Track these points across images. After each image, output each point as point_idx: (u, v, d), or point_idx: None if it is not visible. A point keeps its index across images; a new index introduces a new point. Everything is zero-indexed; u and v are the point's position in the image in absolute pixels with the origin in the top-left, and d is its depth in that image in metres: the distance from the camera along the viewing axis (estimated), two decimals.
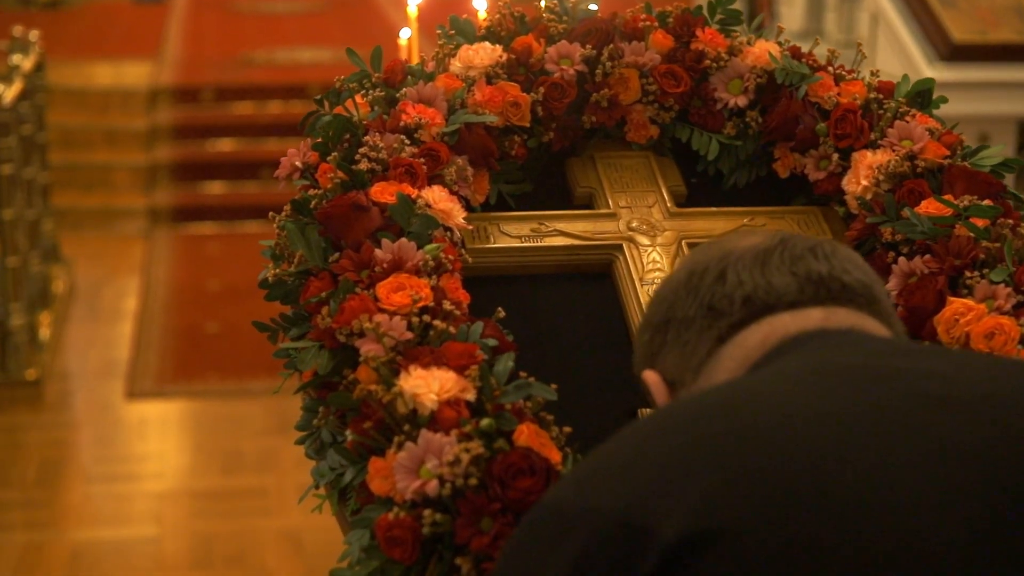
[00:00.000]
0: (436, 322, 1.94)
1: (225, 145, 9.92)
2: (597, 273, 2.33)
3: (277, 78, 10.72)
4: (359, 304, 1.96)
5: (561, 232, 2.35)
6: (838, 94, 2.44)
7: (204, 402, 6.62)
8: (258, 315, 2.17)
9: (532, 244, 2.33)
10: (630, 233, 2.35)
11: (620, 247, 2.33)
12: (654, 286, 2.26)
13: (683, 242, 2.35)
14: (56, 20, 12.25)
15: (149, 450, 6.16)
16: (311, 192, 2.17)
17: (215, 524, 5.39)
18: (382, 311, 1.96)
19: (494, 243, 2.32)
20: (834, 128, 2.41)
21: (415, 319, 1.94)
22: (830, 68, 2.51)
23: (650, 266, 2.30)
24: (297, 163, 2.25)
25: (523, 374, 1.91)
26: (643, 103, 2.48)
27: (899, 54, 5.75)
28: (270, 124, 9.98)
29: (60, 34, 11.43)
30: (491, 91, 2.38)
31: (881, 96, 2.44)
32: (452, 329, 1.94)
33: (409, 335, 1.93)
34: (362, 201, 2.10)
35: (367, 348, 1.92)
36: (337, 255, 2.06)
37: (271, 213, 2.21)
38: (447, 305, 1.98)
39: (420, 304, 1.97)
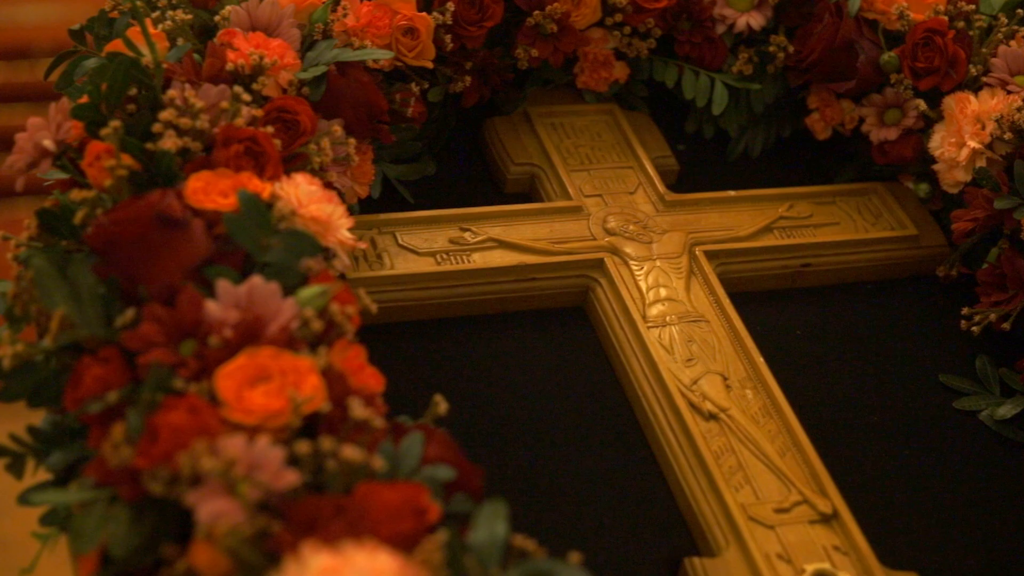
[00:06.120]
0: (347, 449, 0.99)
1: None
2: (565, 310, 1.41)
3: None
4: (187, 418, 0.99)
5: (499, 242, 1.42)
6: (906, 7, 1.56)
7: None
8: None
9: (455, 267, 1.39)
10: (610, 239, 1.44)
11: (600, 264, 1.41)
12: (668, 327, 1.35)
13: (696, 249, 1.44)
14: None
15: None
16: (76, 195, 1.18)
17: None
18: (232, 427, 1.00)
19: (391, 268, 1.37)
20: (910, 59, 1.53)
21: (302, 446, 0.99)
22: None
23: (652, 295, 1.39)
24: (46, 143, 1.24)
25: (520, 541, 0.98)
26: (605, 28, 1.57)
27: None
28: None
29: None
30: (370, 10, 1.43)
31: (971, 8, 1.57)
32: (376, 462, 0.99)
33: (291, 477, 0.98)
34: (172, 209, 1.13)
35: (210, 508, 0.96)
36: (133, 314, 1.09)
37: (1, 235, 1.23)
38: (357, 409, 1.03)
39: (306, 408, 1.02)
